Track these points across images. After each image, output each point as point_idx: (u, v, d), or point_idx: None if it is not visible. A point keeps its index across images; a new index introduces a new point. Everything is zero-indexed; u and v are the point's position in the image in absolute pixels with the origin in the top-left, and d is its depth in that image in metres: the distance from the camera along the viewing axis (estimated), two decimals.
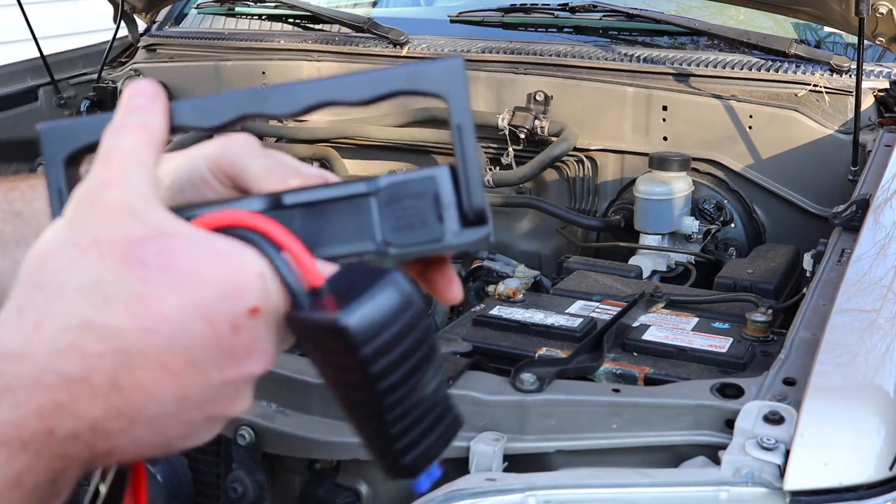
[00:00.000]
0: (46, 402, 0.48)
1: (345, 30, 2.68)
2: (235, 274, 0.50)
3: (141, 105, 0.54)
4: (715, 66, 2.21)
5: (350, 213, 0.55)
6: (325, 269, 0.53)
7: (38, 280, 0.49)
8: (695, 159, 2.14)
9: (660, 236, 2.08)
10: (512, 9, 2.57)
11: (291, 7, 2.74)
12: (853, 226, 1.50)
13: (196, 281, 0.49)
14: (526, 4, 2.57)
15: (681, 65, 2.24)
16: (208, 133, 0.58)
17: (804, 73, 2.14)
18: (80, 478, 0.53)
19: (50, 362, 0.48)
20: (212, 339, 0.50)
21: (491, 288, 1.72)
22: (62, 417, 0.49)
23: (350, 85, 0.54)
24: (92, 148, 0.55)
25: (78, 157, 0.56)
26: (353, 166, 2.59)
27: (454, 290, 0.61)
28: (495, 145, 2.37)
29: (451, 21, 2.61)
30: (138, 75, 2.80)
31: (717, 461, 1.03)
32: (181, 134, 0.56)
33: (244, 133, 0.61)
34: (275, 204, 0.54)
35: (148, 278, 0.49)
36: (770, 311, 1.49)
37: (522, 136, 2.28)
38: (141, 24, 2.94)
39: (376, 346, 0.50)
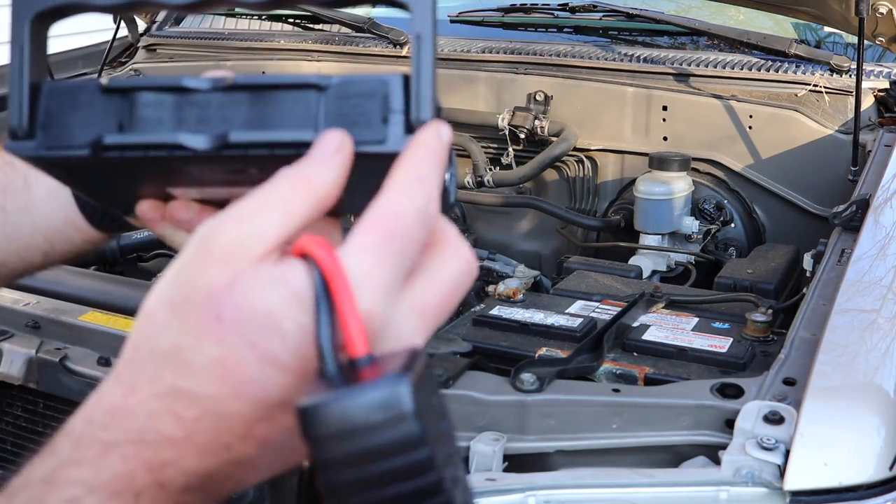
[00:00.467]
0: (152, 457, 0.48)
1: (345, 30, 2.68)
2: (310, 320, 0.48)
3: (318, 157, 0.51)
4: (715, 66, 2.21)
5: (296, 103, 0.53)
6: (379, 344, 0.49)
7: (137, 342, 0.50)
8: (695, 159, 2.14)
9: (660, 236, 2.08)
10: (512, 9, 2.57)
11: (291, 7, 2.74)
12: (853, 226, 1.50)
13: (272, 334, 0.47)
14: (526, 4, 2.57)
15: (681, 65, 2.24)
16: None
17: (804, 73, 2.14)
18: None
19: (149, 422, 0.48)
20: (303, 381, 0.48)
21: (491, 288, 1.72)
22: (172, 474, 0.48)
23: None
24: (63, 11, 0.54)
25: (47, 18, 0.54)
26: None
27: None
28: (495, 145, 2.37)
29: (451, 21, 2.61)
30: (138, 75, 2.81)
31: (717, 461, 1.03)
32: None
33: None
34: (225, 85, 0.53)
35: (225, 339, 0.47)
36: (770, 311, 1.49)
37: (522, 136, 2.28)
38: (141, 24, 2.94)
39: (335, 455, 0.45)
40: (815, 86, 2.11)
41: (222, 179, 0.57)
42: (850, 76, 2.08)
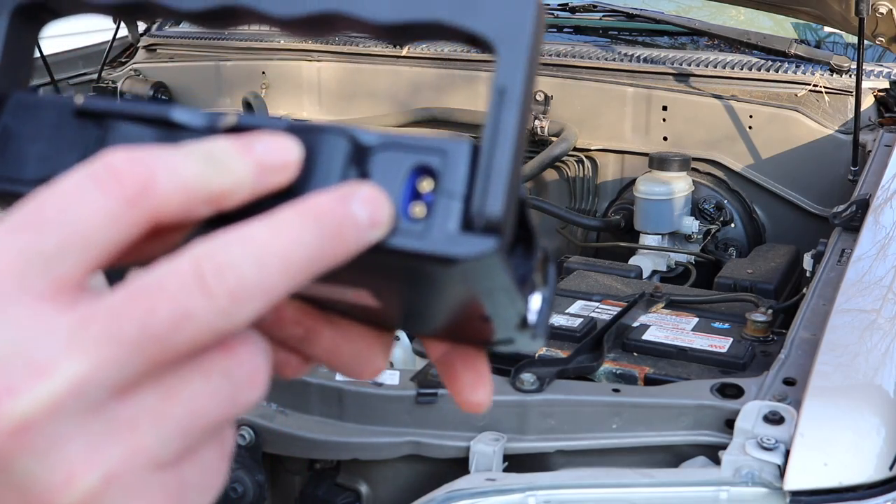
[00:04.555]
0: None
1: None
2: None
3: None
4: (715, 66, 2.21)
5: (321, 157, 0.35)
6: None
7: None
8: (695, 159, 2.14)
9: (660, 236, 2.08)
10: None
11: None
12: (853, 226, 1.50)
13: None
14: None
15: (681, 65, 2.24)
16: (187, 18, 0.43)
17: (804, 73, 2.14)
18: None
19: None
20: None
21: None
22: None
23: None
24: (52, 8, 0.43)
25: (30, 12, 0.44)
26: None
27: (480, 392, 0.41)
28: None
29: None
30: (138, 75, 2.81)
31: (717, 461, 1.03)
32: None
33: None
34: (226, 126, 0.37)
35: None
36: (770, 311, 1.49)
37: None
38: (141, 24, 2.93)
39: None
40: (815, 86, 2.11)
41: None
42: (850, 76, 2.08)
